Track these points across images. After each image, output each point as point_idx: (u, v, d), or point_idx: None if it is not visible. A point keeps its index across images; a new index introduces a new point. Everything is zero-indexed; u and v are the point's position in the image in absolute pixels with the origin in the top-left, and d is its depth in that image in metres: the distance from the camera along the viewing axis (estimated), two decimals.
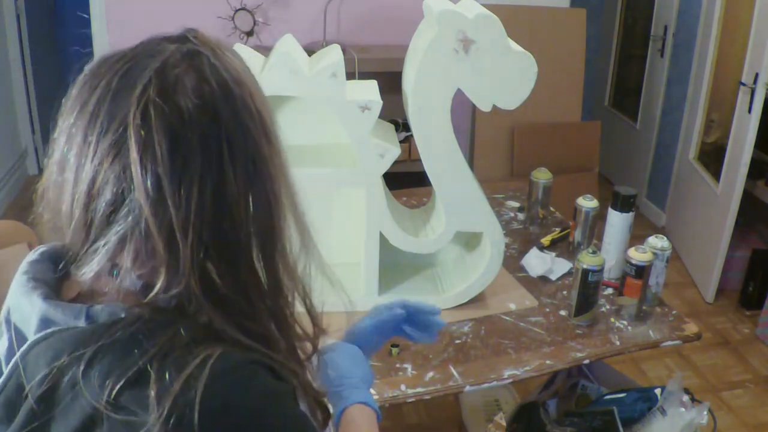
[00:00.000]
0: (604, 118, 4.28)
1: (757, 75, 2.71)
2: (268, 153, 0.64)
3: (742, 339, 2.88)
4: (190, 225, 0.59)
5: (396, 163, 1.49)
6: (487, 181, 3.00)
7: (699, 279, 3.23)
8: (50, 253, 0.69)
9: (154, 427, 0.54)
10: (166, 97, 0.59)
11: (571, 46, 3.30)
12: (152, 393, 0.56)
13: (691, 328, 1.54)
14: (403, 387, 1.33)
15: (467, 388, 1.35)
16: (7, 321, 0.65)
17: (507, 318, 1.57)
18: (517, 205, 2.16)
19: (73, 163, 0.60)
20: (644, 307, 1.59)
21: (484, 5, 1.39)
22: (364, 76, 2.58)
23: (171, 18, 3.10)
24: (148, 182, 0.57)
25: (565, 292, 1.67)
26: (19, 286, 0.65)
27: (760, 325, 2.88)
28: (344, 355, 0.94)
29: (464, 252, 1.70)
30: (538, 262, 1.76)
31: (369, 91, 1.45)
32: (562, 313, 1.58)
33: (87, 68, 0.63)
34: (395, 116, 2.97)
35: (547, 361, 1.42)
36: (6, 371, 0.62)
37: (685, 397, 1.54)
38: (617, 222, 1.71)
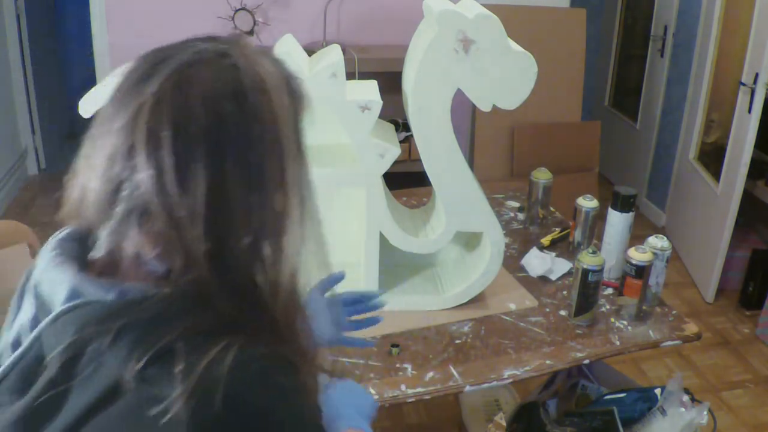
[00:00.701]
0: (604, 118, 4.28)
1: (757, 75, 2.71)
2: (279, 163, 0.65)
3: (742, 339, 2.88)
4: (192, 217, 0.60)
5: (396, 163, 1.49)
6: (487, 181, 2.99)
7: (699, 279, 3.23)
8: (77, 234, 0.70)
9: (177, 401, 0.56)
10: (178, 91, 0.61)
11: (571, 46, 3.30)
12: (178, 369, 0.57)
13: (691, 328, 1.54)
14: (403, 387, 1.33)
15: (467, 388, 1.35)
16: (34, 293, 0.66)
17: (507, 318, 1.57)
18: (517, 205, 2.16)
19: (97, 138, 0.64)
20: (644, 307, 1.59)
21: (484, 5, 1.39)
22: (364, 76, 2.58)
23: (171, 18, 3.11)
24: (150, 166, 0.60)
25: (565, 292, 1.67)
26: (47, 261, 0.66)
27: (760, 325, 2.88)
28: (337, 389, 0.95)
29: (464, 252, 1.70)
30: (538, 262, 1.76)
31: (369, 91, 1.46)
32: (562, 313, 1.59)
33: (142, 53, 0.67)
34: (395, 116, 2.97)
35: (547, 361, 1.42)
36: (28, 341, 0.63)
37: (685, 397, 1.54)
38: (617, 222, 1.71)
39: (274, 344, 0.65)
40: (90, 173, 0.64)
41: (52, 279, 0.64)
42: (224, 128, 0.62)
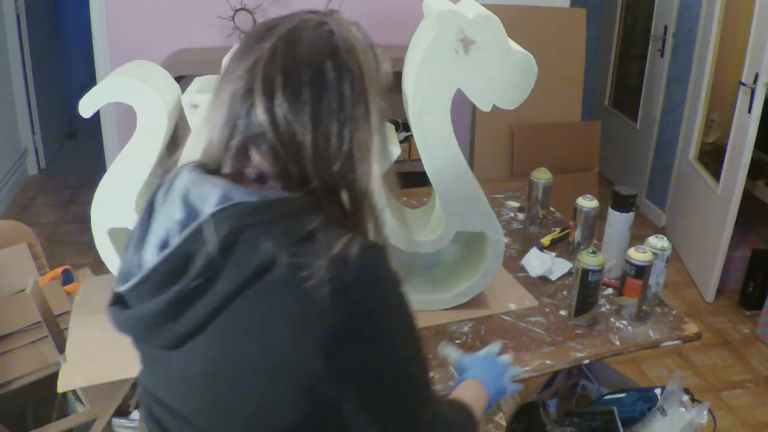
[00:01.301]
0: (604, 118, 4.28)
1: (757, 75, 2.71)
2: (364, 106, 0.81)
3: (742, 339, 2.88)
4: (303, 144, 0.77)
5: (396, 163, 1.49)
6: (487, 181, 3.00)
7: (699, 279, 3.23)
8: (200, 164, 0.83)
9: (321, 268, 0.71)
10: (288, 47, 0.79)
11: (571, 46, 3.30)
12: (322, 246, 0.72)
13: (691, 328, 1.54)
14: None
15: None
16: (183, 201, 0.79)
17: (507, 318, 1.57)
18: (517, 205, 2.16)
19: (222, 85, 0.81)
20: (644, 307, 1.59)
21: (484, 5, 1.39)
22: None
23: (171, 18, 3.11)
24: (267, 104, 0.77)
25: (565, 292, 1.67)
26: (194, 177, 0.80)
27: (760, 325, 2.88)
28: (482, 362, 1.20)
29: (464, 252, 1.70)
30: (538, 262, 1.76)
31: None
32: (562, 313, 1.59)
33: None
34: (395, 116, 2.97)
35: (547, 361, 1.42)
36: (182, 237, 0.75)
37: (685, 397, 1.54)
38: (617, 222, 1.71)
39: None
40: (215, 112, 0.80)
41: (202, 188, 0.78)
42: (322, 78, 0.79)
